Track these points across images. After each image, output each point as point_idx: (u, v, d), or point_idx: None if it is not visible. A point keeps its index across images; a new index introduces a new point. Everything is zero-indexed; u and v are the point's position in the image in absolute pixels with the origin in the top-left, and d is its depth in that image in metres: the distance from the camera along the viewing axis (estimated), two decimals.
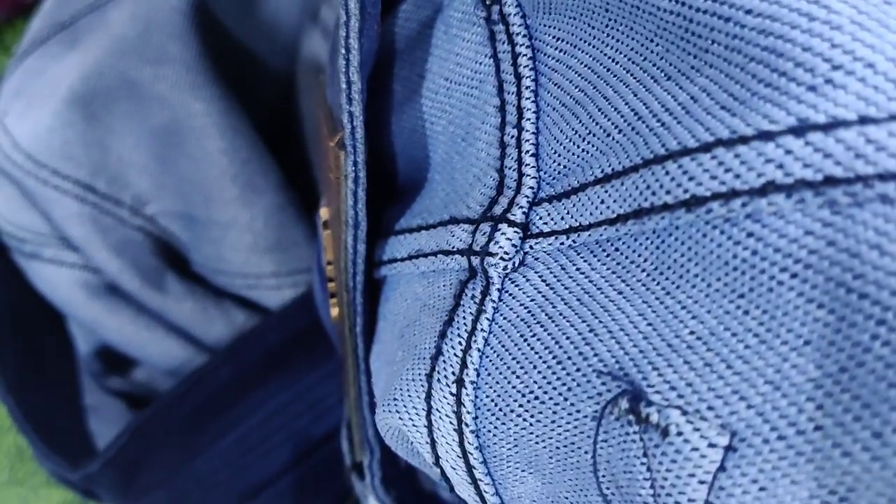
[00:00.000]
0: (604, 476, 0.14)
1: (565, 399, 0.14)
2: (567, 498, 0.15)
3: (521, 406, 0.15)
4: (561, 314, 0.14)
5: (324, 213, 0.19)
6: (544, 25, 0.15)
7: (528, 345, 0.15)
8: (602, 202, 0.14)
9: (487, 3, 0.16)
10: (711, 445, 0.12)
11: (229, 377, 0.27)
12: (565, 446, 0.14)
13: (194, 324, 0.29)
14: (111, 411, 0.31)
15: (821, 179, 0.11)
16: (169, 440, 0.27)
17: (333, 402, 0.28)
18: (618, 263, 0.13)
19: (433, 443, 0.16)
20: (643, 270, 0.13)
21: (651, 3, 0.13)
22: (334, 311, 0.20)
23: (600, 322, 0.14)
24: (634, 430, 0.13)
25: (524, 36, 0.16)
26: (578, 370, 0.14)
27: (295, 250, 0.29)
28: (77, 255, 0.28)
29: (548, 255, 0.15)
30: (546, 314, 0.14)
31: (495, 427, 0.15)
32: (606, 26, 0.14)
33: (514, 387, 0.15)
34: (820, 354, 0.11)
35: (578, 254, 0.14)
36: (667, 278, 0.13)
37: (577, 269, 0.14)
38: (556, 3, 0.15)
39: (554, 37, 0.15)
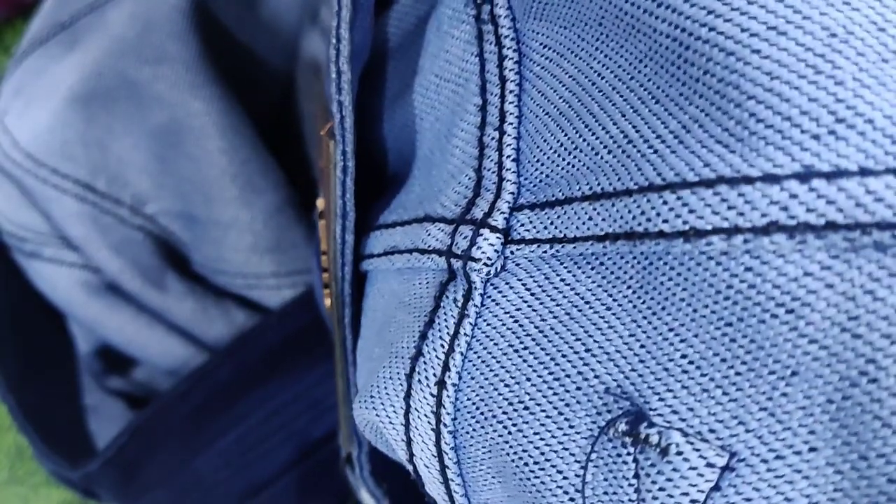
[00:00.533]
0: (586, 498, 0.14)
1: (560, 413, 0.14)
2: None
3: (505, 414, 0.15)
4: (552, 328, 0.14)
5: (320, 203, 0.20)
6: (534, 31, 0.16)
7: (520, 356, 0.15)
8: (590, 219, 0.14)
9: (478, 1, 0.16)
10: (709, 465, 0.12)
11: (229, 377, 0.27)
12: (536, 462, 0.14)
13: (194, 323, 0.29)
14: (111, 411, 0.31)
15: (822, 224, 0.11)
16: (169, 440, 0.27)
17: (333, 402, 0.28)
18: (603, 277, 0.14)
19: (409, 441, 0.16)
20: (629, 287, 0.13)
21: (648, 23, 0.13)
22: (327, 302, 0.20)
23: (595, 341, 0.14)
24: (628, 452, 0.13)
25: (512, 39, 0.16)
26: (578, 388, 0.14)
27: (295, 250, 0.29)
28: (77, 255, 0.28)
29: (530, 262, 0.15)
30: (536, 326, 0.15)
31: (473, 430, 0.15)
32: (597, 40, 0.14)
33: (500, 394, 0.15)
34: (808, 386, 0.12)
35: (562, 264, 0.14)
36: (652, 298, 0.13)
37: (562, 280, 0.14)
38: (549, 10, 0.15)
39: (542, 44, 0.15)
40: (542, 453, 0.14)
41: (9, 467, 0.33)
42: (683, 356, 0.13)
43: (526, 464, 0.15)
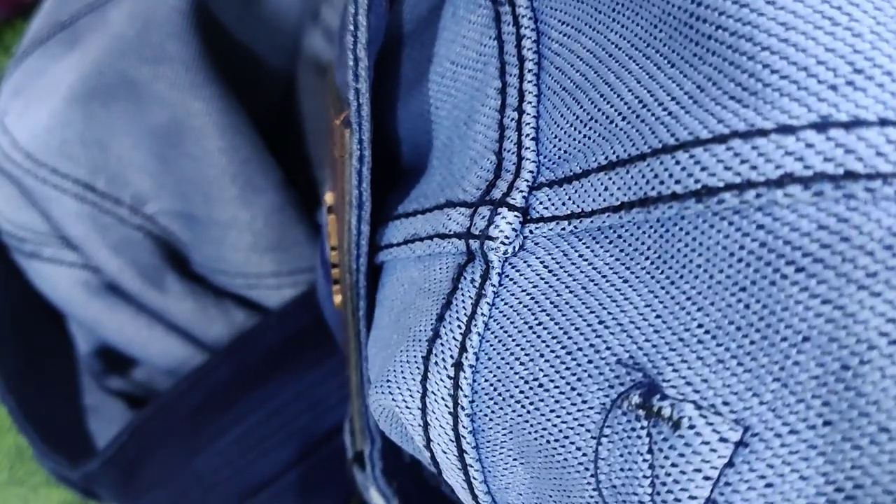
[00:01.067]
0: (601, 474, 0.14)
1: (572, 389, 0.14)
2: (550, 496, 0.15)
3: (521, 392, 0.15)
4: (567, 303, 0.14)
5: (328, 198, 0.19)
6: (551, 9, 0.15)
7: (534, 332, 0.15)
8: (605, 189, 0.13)
9: None
10: (722, 440, 0.12)
11: (229, 376, 0.27)
12: (556, 440, 0.14)
13: (194, 323, 0.29)
14: (111, 411, 0.31)
15: (841, 174, 0.11)
16: (169, 439, 0.27)
17: (334, 401, 0.28)
18: (621, 250, 0.13)
19: (426, 425, 0.16)
20: (647, 258, 0.13)
21: None
22: (337, 299, 0.20)
23: (609, 313, 0.14)
24: (642, 426, 0.13)
25: (530, 18, 0.16)
26: (590, 361, 0.14)
27: (295, 250, 0.29)
28: (77, 255, 0.28)
29: (548, 240, 0.15)
30: (551, 302, 0.14)
31: (492, 411, 0.15)
32: (613, 10, 0.14)
33: (516, 373, 0.15)
34: (821, 352, 0.11)
35: (580, 240, 0.14)
36: (670, 267, 0.13)
37: (580, 256, 0.14)
38: None
39: (559, 20, 0.15)
40: (560, 430, 0.14)
41: (9, 468, 0.33)
42: (700, 325, 0.12)
43: (548, 441, 0.14)
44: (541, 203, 0.15)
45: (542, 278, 0.15)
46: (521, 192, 0.15)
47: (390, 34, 0.18)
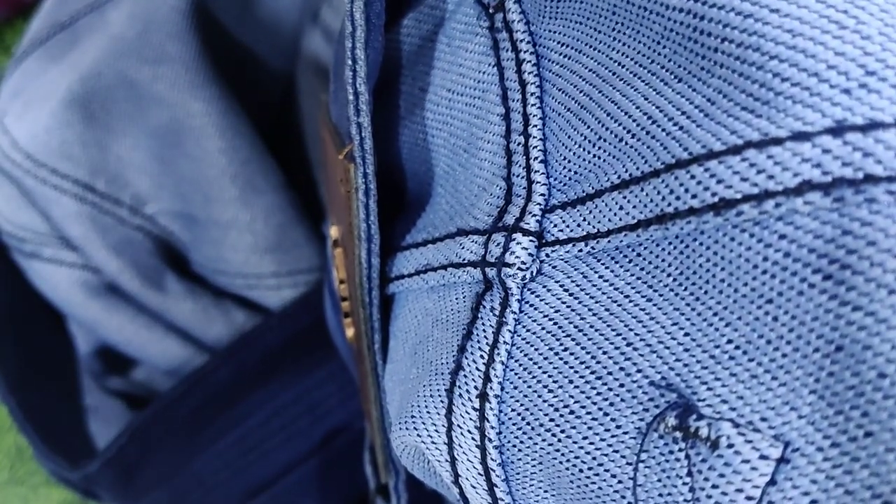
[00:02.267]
0: (639, 501, 0.13)
1: (605, 414, 0.14)
2: None
3: (552, 420, 0.14)
4: (592, 326, 0.14)
5: (333, 231, 0.19)
6: (549, 31, 0.15)
7: (561, 358, 0.14)
8: (621, 208, 0.13)
9: (491, 11, 0.16)
10: (763, 457, 0.12)
11: (229, 377, 0.27)
12: (591, 468, 0.14)
13: (194, 324, 0.29)
14: (111, 411, 0.31)
15: (861, 178, 0.11)
16: (169, 440, 0.27)
17: (334, 403, 0.28)
18: (642, 269, 0.13)
19: (453, 460, 0.16)
20: (669, 276, 0.13)
21: (660, 1, 0.13)
22: (350, 332, 0.20)
23: (636, 334, 0.13)
24: (680, 448, 0.13)
25: (528, 42, 0.15)
26: (622, 385, 0.13)
27: (295, 250, 0.29)
28: (76, 255, 0.28)
29: (566, 262, 0.14)
30: (575, 326, 0.14)
31: (521, 442, 0.15)
32: (613, 29, 0.14)
33: (545, 401, 0.14)
34: (855, 361, 0.11)
35: (599, 261, 0.14)
36: (693, 283, 0.12)
37: (600, 277, 0.14)
38: (563, 7, 0.15)
39: (559, 42, 0.15)
40: (594, 458, 0.14)
41: (9, 467, 0.33)
42: (729, 341, 0.12)
43: (581, 470, 0.14)
44: (555, 226, 0.15)
45: (564, 302, 0.14)
46: (535, 215, 0.15)
47: (384, 65, 0.18)
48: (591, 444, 0.14)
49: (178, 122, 0.27)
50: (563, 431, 0.14)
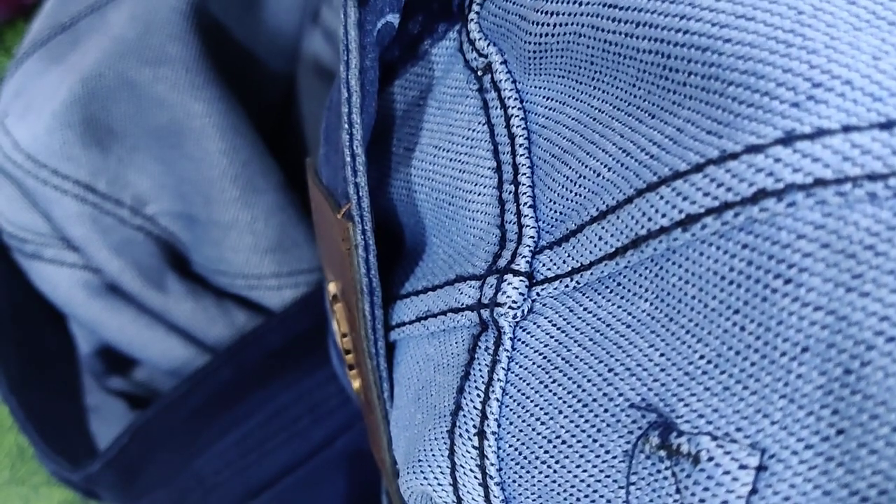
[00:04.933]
0: None
1: (594, 441, 0.14)
2: None
3: (546, 453, 0.15)
4: (577, 357, 0.14)
5: (332, 287, 0.20)
6: (534, 87, 0.16)
7: (550, 391, 0.15)
8: (600, 238, 0.14)
9: (479, 74, 0.17)
10: (742, 467, 0.12)
11: (230, 378, 0.27)
12: (586, 495, 0.14)
13: (195, 324, 0.29)
14: (112, 411, 0.31)
15: (811, 182, 0.11)
16: (170, 440, 0.27)
17: (334, 404, 0.28)
18: (621, 297, 0.14)
19: (459, 501, 0.16)
20: (646, 300, 0.13)
21: (632, 46, 0.14)
22: (356, 383, 0.20)
23: (616, 360, 0.14)
24: (666, 466, 0.13)
25: (515, 99, 0.16)
26: (606, 410, 0.14)
27: (296, 251, 0.29)
28: (78, 256, 0.28)
29: (554, 299, 0.15)
30: (562, 358, 0.15)
31: (520, 476, 0.15)
32: (593, 79, 0.15)
33: (538, 433, 0.15)
34: (821, 359, 0.11)
35: (584, 294, 0.14)
36: (667, 304, 0.13)
37: (585, 310, 0.14)
38: (546, 63, 0.16)
39: (544, 96, 0.16)
40: (588, 485, 0.14)
41: (10, 467, 0.33)
42: (701, 356, 0.12)
43: (578, 500, 0.14)
44: (544, 265, 0.15)
45: (552, 336, 0.15)
46: (525, 257, 0.15)
47: (375, 125, 0.19)
48: (584, 471, 0.14)
49: (178, 123, 0.27)
50: (557, 462, 0.15)
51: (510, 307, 0.15)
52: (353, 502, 0.29)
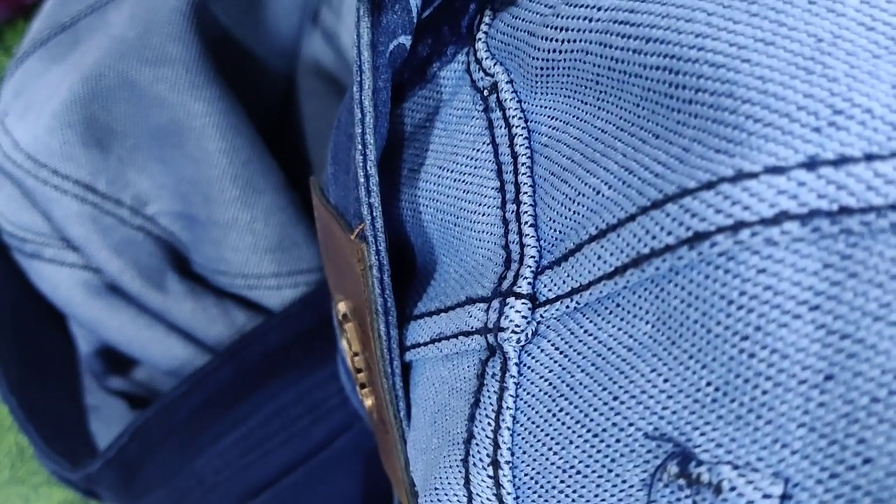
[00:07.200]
0: None
1: (609, 471, 0.14)
2: None
3: (562, 482, 0.14)
4: (581, 383, 0.14)
5: (342, 307, 0.20)
6: (539, 106, 0.16)
7: (559, 420, 0.14)
8: (599, 258, 0.14)
9: (485, 94, 0.17)
10: (766, 496, 0.12)
11: (230, 378, 0.27)
12: None
13: (195, 324, 0.29)
14: (112, 411, 0.31)
15: (836, 210, 0.11)
16: (169, 440, 0.27)
17: (334, 404, 0.28)
18: (621, 319, 0.13)
19: None
20: (647, 322, 0.13)
21: (639, 62, 0.13)
22: (368, 402, 0.20)
23: (620, 387, 0.13)
24: (686, 495, 0.13)
25: (520, 118, 0.16)
26: (618, 441, 0.14)
27: (296, 250, 0.29)
28: (78, 255, 0.28)
29: (557, 321, 0.15)
30: (567, 385, 0.14)
31: None
32: (598, 99, 0.15)
33: (552, 463, 0.15)
34: (846, 388, 0.11)
35: (584, 315, 0.14)
36: (669, 328, 0.13)
37: (586, 332, 0.14)
38: (551, 82, 0.16)
39: (548, 116, 0.16)
40: None
41: (10, 467, 0.33)
42: (708, 383, 0.12)
43: None
44: (545, 286, 0.15)
45: (556, 361, 0.15)
46: (526, 279, 0.15)
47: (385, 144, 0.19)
48: (603, 500, 0.14)
49: (178, 123, 0.27)
50: (574, 492, 0.14)
51: (513, 331, 0.15)
52: (353, 502, 0.29)
